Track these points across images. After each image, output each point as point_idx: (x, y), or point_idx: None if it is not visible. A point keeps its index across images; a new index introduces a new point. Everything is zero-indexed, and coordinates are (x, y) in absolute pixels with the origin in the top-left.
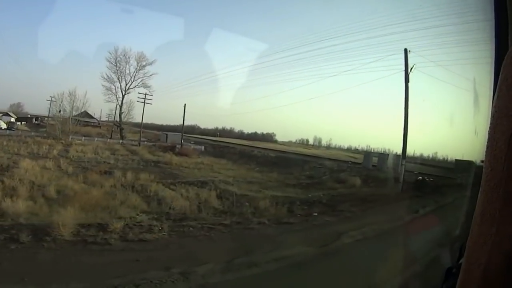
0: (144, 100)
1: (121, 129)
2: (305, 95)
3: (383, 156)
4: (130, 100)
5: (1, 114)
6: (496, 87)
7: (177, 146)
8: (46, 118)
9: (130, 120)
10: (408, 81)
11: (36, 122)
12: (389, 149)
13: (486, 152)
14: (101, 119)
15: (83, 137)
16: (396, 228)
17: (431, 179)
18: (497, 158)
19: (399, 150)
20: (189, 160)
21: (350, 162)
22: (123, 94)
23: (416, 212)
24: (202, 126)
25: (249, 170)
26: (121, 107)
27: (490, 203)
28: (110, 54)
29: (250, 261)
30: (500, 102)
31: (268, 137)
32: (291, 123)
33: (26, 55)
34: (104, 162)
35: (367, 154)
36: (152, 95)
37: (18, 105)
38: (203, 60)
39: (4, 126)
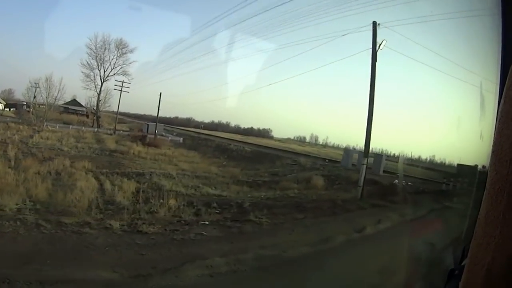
0: (121, 88)
1: (98, 118)
2: (304, 92)
3: (362, 155)
4: (108, 88)
5: None
6: (501, 92)
7: (151, 136)
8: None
9: (107, 109)
10: (376, 60)
11: (27, 109)
12: (385, 150)
13: (492, 156)
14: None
15: (58, 125)
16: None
17: (409, 183)
18: (502, 162)
19: (399, 151)
20: (154, 151)
21: (327, 160)
22: (102, 81)
23: (359, 232)
24: (198, 119)
25: (212, 163)
26: (99, 95)
27: (494, 206)
28: (90, 40)
29: None
30: (506, 107)
31: (264, 133)
32: (289, 120)
33: (17, 42)
34: (58, 149)
35: (347, 152)
36: (130, 83)
37: (9, 91)
38: (203, 52)
39: None
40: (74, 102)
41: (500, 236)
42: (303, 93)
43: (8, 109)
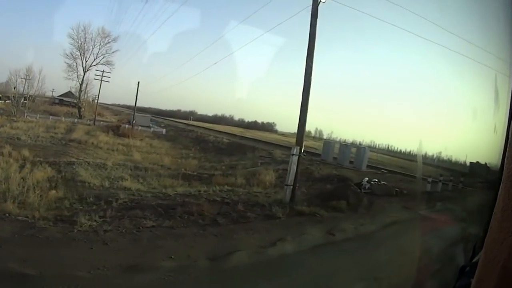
0: (101, 78)
1: (79, 108)
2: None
3: (345, 148)
4: (88, 78)
5: None
6: None
7: (129, 127)
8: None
9: (88, 98)
10: (316, 17)
11: (24, 101)
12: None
13: (508, 148)
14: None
15: (38, 115)
16: None
17: (383, 182)
18: None
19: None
20: (120, 141)
21: (304, 153)
22: (84, 71)
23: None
24: (202, 113)
25: (176, 155)
26: (81, 85)
27: (511, 200)
28: (73, 30)
29: None
30: None
31: (268, 127)
32: (295, 114)
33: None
34: (17, 138)
35: (327, 144)
36: (110, 73)
37: (6, 83)
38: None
39: None
40: (69, 94)
41: None
42: (313, 87)
43: (3, 101)
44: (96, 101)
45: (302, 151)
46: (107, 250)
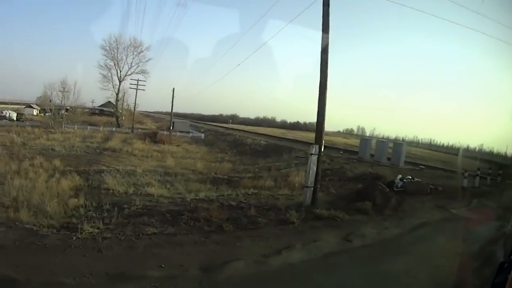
0: (137, 87)
1: (117, 117)
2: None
3: (382, 144)
4: (124, 87)
5: (24, 106)
6: None
7: (165, 133)
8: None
9: (128, 107)
10: (328, 5)
11: (65, 112)
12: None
13: None
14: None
15: (76, 126)
16: None
17: (417, 179)
18: None
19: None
20: (156, 147)
21: (341, 152)
22: (120, 80)
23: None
24: (244, 116)
25: (211, 159)
26: (117, 94)
27: None
28: (105, 41)
29: None
30: None
31: (310, 127)
32: (339, 113)
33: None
34: (51, 149)
35: (364, 141)
36: (145, 81)
37: (45, 97)
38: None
39: (14, 117)
40: (108, 104)
41: None
42: (354, 84)
43: (43, 114)
44: (134, 109)
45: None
46: (100, 257)
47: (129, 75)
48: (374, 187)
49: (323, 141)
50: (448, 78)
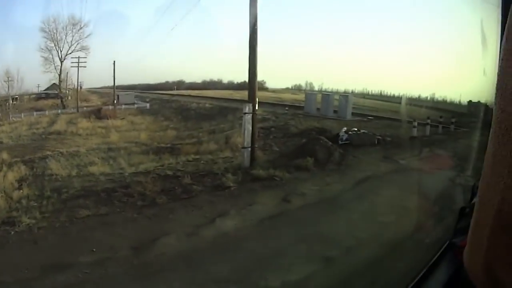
0: (78, 64)
1: (61, 98)
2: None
3: (327, 97)
4: (66, 67)
5: None
6: (503, 30)
7: (110, 107)
8: None
9: (73, 87)
10: None
11: (13, 102)
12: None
13: (496, 94)
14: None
15: (23, 114)
16: None
17: (363, 131)
18: (507, 101)
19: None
20: (101, 124)
21: (287, 108)
22: (61, 61)
23: None
24: (190, 80)
25: (155, 128)
26: (59, 75)
27: (501, 145)
28: (43, 23)
29: None
30: (509, 45)
31: (258, 85)
32: (286, 69)
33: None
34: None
35: (309, 95)
36: (85, 57)
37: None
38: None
39: None
40: (54, 86)
41: (509, 175)
42: (298, 38)
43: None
44: (78, 87)
45: (257, 107)
46: (35, 249)
47: (70, 53)
48: (315, 142)
49: (257, 99)
50: (396, 28)
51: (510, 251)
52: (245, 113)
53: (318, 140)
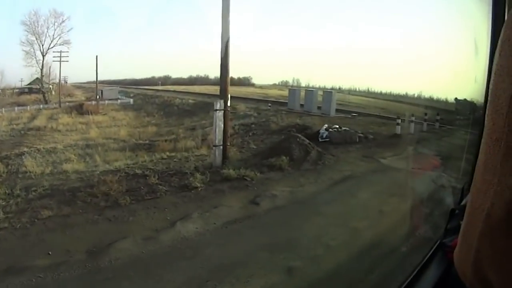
0: (60, 59)
1: (43, 93)
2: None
3: (311, 93)
4: (48, 61)
5: None
6: (493, 43)
7: (93, 103)
8: None
9: (57, 81)
10: None
11: None
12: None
13: (488, 107)
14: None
15: (4, 109)
16: None
17: (344, 128)
18: (499, 114)
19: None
20: (82, 119)
21: (269, 104)
22: (43, 55)
23: None
24: (176, 76)
25: (136, 124)
26: (41, 69)
27: (492, 155)
28: (25, 16)
29: None
30: (502, 60)
31: (244, 81)
32: (273, 65)
33: None
34: None
35: (292, 91)
36: (67, 51)
37: None
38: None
39: None
40: (37, 81)
41: (498, 183)
42: (286, 35)
43: None
44: (60, 82)
45: (229, 103)
46: None
47: (52, 48)
48: (291, 139)
49: (229, 95)
50: (392, 24)
51: (497, 252)
52: (216, 109)
53: (294, 138)
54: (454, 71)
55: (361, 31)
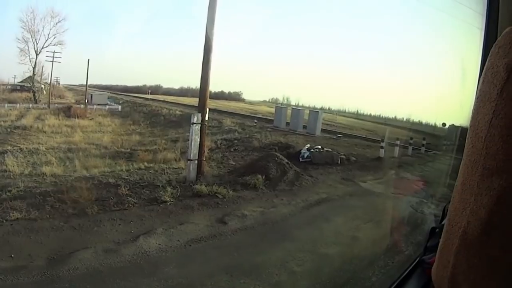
0: (53, 59)
1: (34, 93)
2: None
3: (297, 112)
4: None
5: None
6: (483, 66)
7: (81, 106)
8: None
9: (45, 81)
10: None
11: None
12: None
13: (469, 130)
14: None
15: None
16: None
17: (326, 149)
18: (478, 137)
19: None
20: (69, 122)
21: (255, 121)
22: (37, 53)
23: None
24: (167, 86)
25: (121, 132)
26: (34, 68)
27: (470, 176)
28: (22, 13)
29: None
30: (484, 87)
31: (235, 96)
32: (265, 82)
33: None
34: None
35: (279, 109)
36: (61, 52)
37: None
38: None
39: None
40: (29, 79)
41: (475, 202)
42: (279, 53)
43: None
44: (51, 83)
45: (206, 118)
46: None
47: (46, 47)
48: (269, 158)
49: (207, 109)
50: (384, 47)
51: (471, 268)
52: (193, 123)
53: (272, 157)
54: (443, 96)
55: (353, 53)
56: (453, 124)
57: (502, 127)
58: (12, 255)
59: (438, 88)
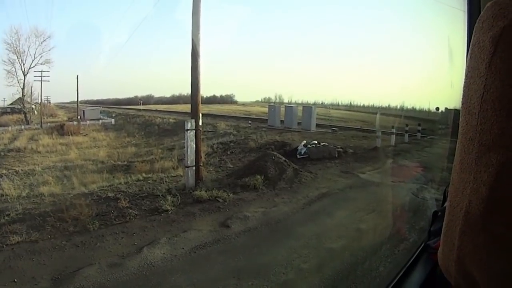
0: (41, 78)
1: (25, 114)
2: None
3: (290, 109)
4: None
5: None
6: (468, 48)
7: (75, 123)
8: None
9: (36, 102)
10: None
11: None
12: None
13: (462, 108)
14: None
15: None
16: None
17: (323, 143)
18: (472, 114)
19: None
20: (63, 140)
21: (250, 122)
22: (24, 74)
23: None
24: (159, 95)
25: (116, 145)
26: (23, 89)
27: (467, 154)
28: (5, 34)
29: None
30: (472, 63)
31: (227, 99)
32: (256, 82)
33: None
34: None
35: (272, 108)
36: (49, 71)
37: None
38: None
39: None
40: (19, 101)
41: (474, 181)
42: (268, 52)
43: None
44: (42, 102)
45: (200, 123)
46: None
47: (33, 67)
48: (266, 158)
49: (200, 114)
50: (364, 38)
51: (477, 248)
52: (187, 129)
53: (270, 156)
54: (433, 80)
55: (340, 44)
56: (446, 108)
57: (494, 101)
58: (15, 280)
59: (428, 72)
